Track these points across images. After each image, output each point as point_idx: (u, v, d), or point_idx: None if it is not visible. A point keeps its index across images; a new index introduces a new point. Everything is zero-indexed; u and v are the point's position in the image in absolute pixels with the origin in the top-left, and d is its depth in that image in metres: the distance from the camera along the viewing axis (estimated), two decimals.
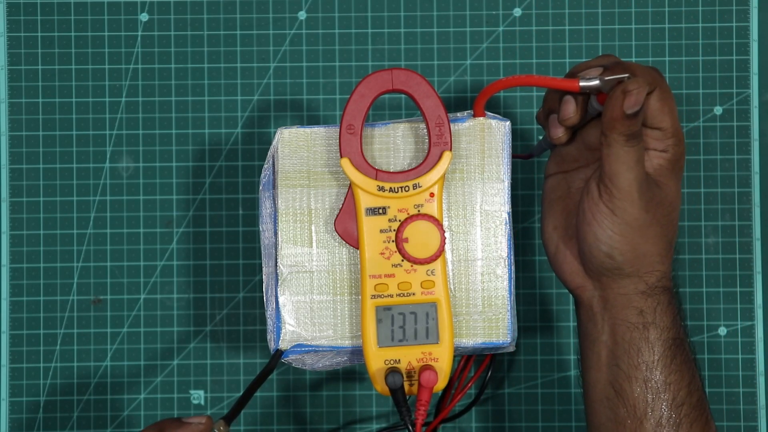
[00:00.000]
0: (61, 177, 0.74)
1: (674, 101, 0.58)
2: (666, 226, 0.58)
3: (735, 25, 0.74)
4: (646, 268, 0.58)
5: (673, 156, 0.58)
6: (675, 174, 0.59)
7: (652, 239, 0.58)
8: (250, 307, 0.74)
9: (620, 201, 0.56)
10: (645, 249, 0.58)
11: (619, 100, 0.54)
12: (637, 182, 0.56)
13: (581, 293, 0.60)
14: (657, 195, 0.58)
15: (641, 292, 0.59)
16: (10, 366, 0.74)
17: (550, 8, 0.74)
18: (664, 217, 0.58)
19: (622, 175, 0.56)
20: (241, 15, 0.75)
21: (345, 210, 0.58)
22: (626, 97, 0.54)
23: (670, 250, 0.59)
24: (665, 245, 0.59)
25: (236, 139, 0.74)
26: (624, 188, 0.56)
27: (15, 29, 0.75)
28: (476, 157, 0.60)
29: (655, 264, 0.58)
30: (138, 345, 0.74)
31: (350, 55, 0.74)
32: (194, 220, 0.74)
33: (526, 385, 0.74)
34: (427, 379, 0.57)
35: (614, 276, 0.59)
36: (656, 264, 0.59)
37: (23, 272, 0.74)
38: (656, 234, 0.58)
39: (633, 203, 0.56)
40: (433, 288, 0.58)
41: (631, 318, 0.59)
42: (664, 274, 0.59)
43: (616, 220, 0.57)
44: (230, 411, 0.56)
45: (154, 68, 0.74)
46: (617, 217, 0.57)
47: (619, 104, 0.54)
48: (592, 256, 0.58)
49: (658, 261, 0.59)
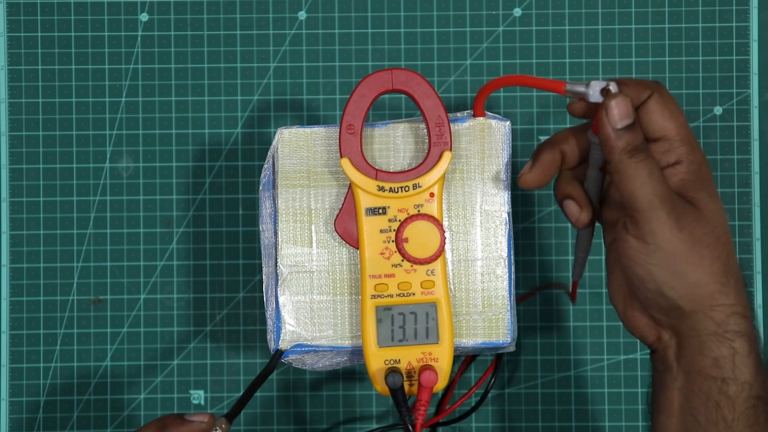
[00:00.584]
0: (61, 177, 0.74)
1: (677, 105, 0.53)
2: (713, 246, 0.52)
3: (735, 25, 0.74)
4: (706, 301, 0.52)
5: (689, 166, 0.53)
6: (703, 185, 0.53)
7: (700, 264, 0.52)
8: (250, 307, 0.74)
9: (646, 224, 0.51)
10: (696, 277, 0.52)
11: (603, 119, 0.51)
12: (657, 198, 0.51)
13: (658, 345, 0.55)
14: (690, 212, 0.52)
15: (713, 334, 0.52)
16: (10, 366, 0.74)
17: (550, 8, 0.74)
18: (707, 235, 0.52)
19: (638, 193, 0.51)
20: (241, 15, 0.75)
21: (345, 210, 0.58)
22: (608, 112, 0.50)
23: (729, 277, 0.52)
24: (720, 269, 0.52)
25: (236, 139, 0.74)
26: (644, 208, 0.51)
27: (15, 29, 0.75)
28: (476, 157, 0.60)
29: (715, 295, 0.52)
30: (138, 345, 0.74)
31: (350, 55, 0.74)
32: (194, 220, 0.74)
33: (526, 385, 0.74)
34: (427, 379, 0.57)
35: (678, 317, 0.53)
36: (717, 295, 0.52)
37: (23, 272, 0.74)
38: (703, 257, 0.52)
39: (661, 222, 0.51)
40: (433, 288, 0.58)
41: (707, 369, 0.52)
42: (732, 310, 0.52)
43: (650, 248, 0.52)
44: (231, 409, 0.56)
45: (154, 68, 0.74)
46: (650, 245, 0.51)
47: (605, 122, 0.51)
48: (647, 300, 0.53)
49: (717, 291, 0.52)
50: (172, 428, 0.55)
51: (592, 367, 0.74)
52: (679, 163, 0.53)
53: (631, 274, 0.53)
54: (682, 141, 0.53)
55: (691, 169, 0.53)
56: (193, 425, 0.55)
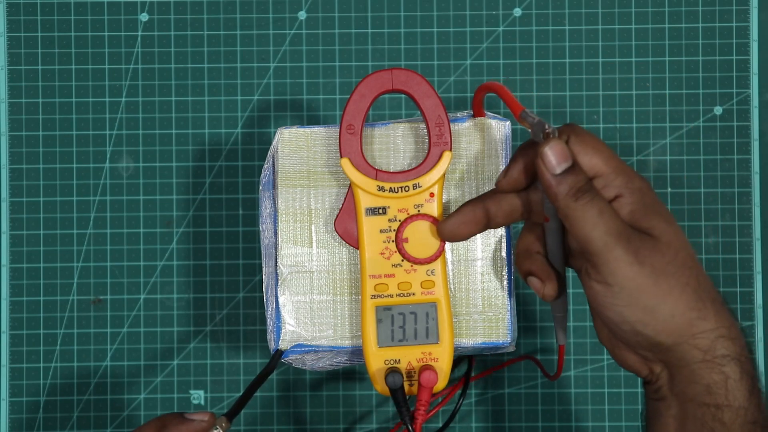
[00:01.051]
0: (61, 177, 0.74)
1: (597, 139, 0.51)
2: (678, 274, 0.50)
3: (735, 25, 0.74)
4: (686, 331, 0.50)
5: (632, 195, 0.51)
6: (653, 211, 0.51)
7: (669, 295, 0.50)
8: (250, 307, 0.74)
9: (605, 266, 0.49)
10: (668, 309, 0.50)
11: (542, 166, 0.49)
12: (611, 236, 0.49)
13: (651, 378, 0.53)
14: (647, 243, 0.50)
15: (701, 362, 0.50)
16: (10, 366, 0.74)
17: (550, 8, 0.74)
18: (670, 264, 0.50)
19: (591, 236, 0.49)
20: (241, 15, 0.75)
21: (345, 210, 0.58)
22: (544, 159, 0.49)
23: (704, 301, 0.50)
24: (692, 296, 0.50)
25: (236, 139, 0.74)
26: (600, 249, 0.49)
27: (15, 29, 0.75)
28: (476, 157, 0.60)
29: (694, 323, 0.50)
30: (138, 345, 0.74)
31: (350, 55, 0.74)
32: (194, 220, 0.74)
33: (526, 385, 0.74)
34: (427, 379, 0.57)
35: (663, 351, 0.51)
36: (696, 322, 0.50)
37: (23, 272, 0.74)
38: (672, 287, 0.50)
39: (619, 261, 0.49)
40: (433, 288, 0.58)
41: (700, 396, 0.51)
42: (716, 334, 0.50)
43: (614, 290, 0.50)
44: (232, 408, 0.56)
45: (154, 68, 0.74)
46: (613, 287, 0.49)
47: (543, 170, 0.49)
48: (627, 341, 0.52)
49: (696, 318, 0.50)
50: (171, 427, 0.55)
51: (592, 367, 0.74)
52: (621, 196, 0.51)
53: (604, 318, 0.51)
54: (615, 173, 0.51)
55: (635, 198, 0.51)
56: (193, 424, 0.55)
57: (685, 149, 0.74)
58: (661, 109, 0.74)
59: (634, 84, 0.74)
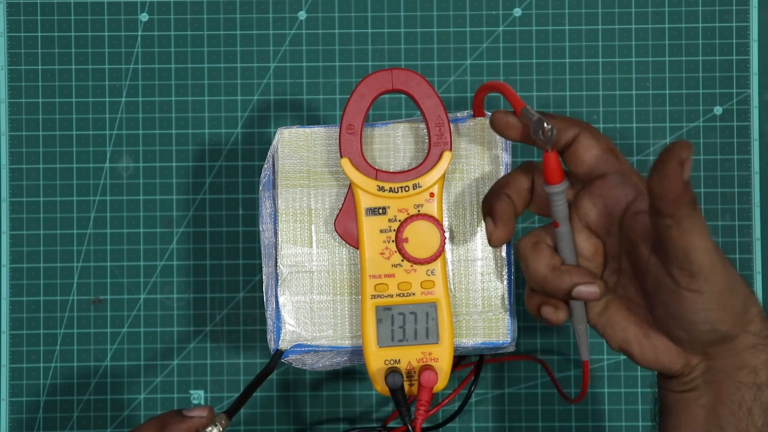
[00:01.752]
0: (61, 177, 0.74)
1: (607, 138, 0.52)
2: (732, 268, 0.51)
3: (735, 25, 0.74)
4: (746, 319, 0.51)
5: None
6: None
7: (739, 290, 0.51)
8: (250, 307, 0.74)
9: (703, 275, 0.49)
10: (739, 303, 0.51)
11: (676, 168, 0.46)
12: (716, 251, 0.50)
13: (684, 370, 0.53)
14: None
15: (751, 347, 0.52)
16: (10, 366, 0.74)
17: (550, 8, 0.74)
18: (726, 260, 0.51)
19: (699, 245, 0.49)
20: (241, 15, 0.75)
21: (345, 210, 0.58)
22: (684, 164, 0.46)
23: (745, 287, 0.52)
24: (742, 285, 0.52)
25: (236, 139, 0.74)
26: (704, 259, 0.49)
27: (15, 29, 0.75)
28: (476, 157, 0.60)
29: (749, 310, 0.52)
30: (138, 345, 0.74)
31: (350, 55, 0.75)
32: (194, 220, 0.74)
33: (526, 385, 0.74)
34: (427, 379, 0.57)
35: (724, 342, 0.52)
36: (749, 309, 0.52)
37: (23, 272, 0.74)
38: (737, 281, 0.51)
39: (717, 268, 0.49)
40: (433, 288, 0.58)
41: (742, 377, 0.52)
42: (761, 316, 0.52)
43: (704, 296, 0.50)
44: (231, 406, 0.56)
45: (154, 68, 0.74)
46: (705, 293, 0.49)
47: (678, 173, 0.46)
48: (695, 337, 0.52)
49: (749, 305, 0.52)
50: (171, 426, 0.55)
51: (592, 367, 0.74)
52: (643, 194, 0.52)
53: (681, 321, 0.51)
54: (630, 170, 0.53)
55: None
56: (192, 421, 0.55)
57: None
58: (661, 109, 0.74)
59: (634, 84, 0.74)
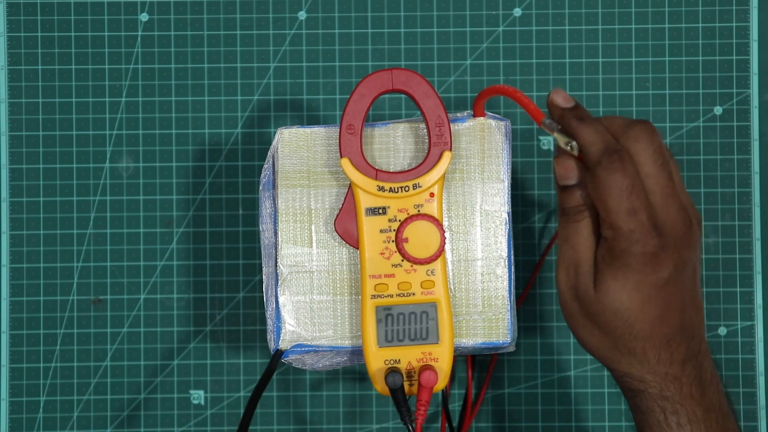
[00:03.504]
0: (61, 177, 0.74)
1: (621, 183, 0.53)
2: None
3: (735, 25, 0.74)
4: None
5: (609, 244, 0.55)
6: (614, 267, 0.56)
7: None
8: (250, 307, 0.74)
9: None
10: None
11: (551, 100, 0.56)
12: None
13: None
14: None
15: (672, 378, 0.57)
16: (10, 366, 0.74)
17: (550, 8, 0.74)
18: None
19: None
20: (241, 15, 0.75)
21: (345, 210, 0.58)
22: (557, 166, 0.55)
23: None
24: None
25: (236, 139, 0.74)
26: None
27: (15, 29, 0.75)
28: (476, 157, 0.60)
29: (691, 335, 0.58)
30: (138, 345, 0.74)
31: (350, 55, 0.74)
32: (194, 220, 0.74)
33: (526, 385, 0.74)
34: (427, 379, 0.57)
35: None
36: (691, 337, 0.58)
37: (23, 272, 0.74)
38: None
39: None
40: (433, 288, 0.58)
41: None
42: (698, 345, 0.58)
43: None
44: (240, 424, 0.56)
45: (154, 68, 0.74)
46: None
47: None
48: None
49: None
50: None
51: (592, 367, 0.74)
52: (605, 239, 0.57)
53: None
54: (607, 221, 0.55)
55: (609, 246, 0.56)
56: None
57: (685, 149, 0.74)
58: (661, 109, 0.74)
59: (634, 84, 0.74)
